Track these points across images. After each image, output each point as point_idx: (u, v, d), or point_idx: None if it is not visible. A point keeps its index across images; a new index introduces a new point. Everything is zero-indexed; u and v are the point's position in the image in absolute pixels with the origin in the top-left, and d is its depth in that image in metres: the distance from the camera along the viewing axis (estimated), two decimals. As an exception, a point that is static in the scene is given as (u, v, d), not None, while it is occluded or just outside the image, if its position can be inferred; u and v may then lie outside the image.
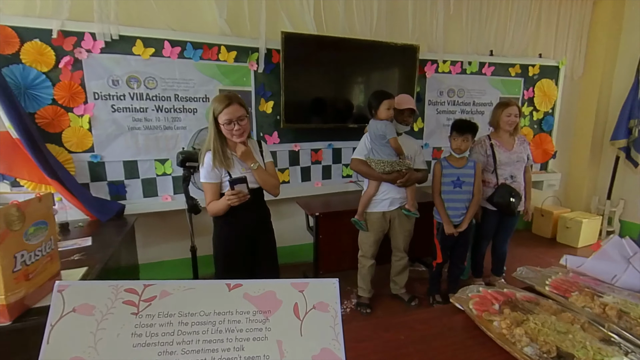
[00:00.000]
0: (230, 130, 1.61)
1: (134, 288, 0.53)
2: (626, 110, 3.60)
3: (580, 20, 3.73)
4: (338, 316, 0.57)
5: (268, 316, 0.55)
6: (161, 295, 0.54)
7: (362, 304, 2.45)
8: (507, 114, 2.41)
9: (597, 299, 0.96)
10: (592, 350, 0.75)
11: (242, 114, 1.61)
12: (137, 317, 0.52)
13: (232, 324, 0.53)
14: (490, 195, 2.43)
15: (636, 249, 1.12)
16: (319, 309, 0.57)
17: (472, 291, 1.03)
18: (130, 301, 0.52)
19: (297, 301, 0.57)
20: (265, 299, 0.56)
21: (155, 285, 0.54)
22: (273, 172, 1.81)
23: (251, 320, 0.54)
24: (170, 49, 2.37)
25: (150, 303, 0.53)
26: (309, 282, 0.59)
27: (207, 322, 0.53)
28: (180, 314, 0.53)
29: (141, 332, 0.51)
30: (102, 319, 0.51)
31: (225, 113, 1.58)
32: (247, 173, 1.70)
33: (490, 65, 3.35)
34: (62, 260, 1.44)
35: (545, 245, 3.73)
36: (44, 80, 2.11)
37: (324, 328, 0.56)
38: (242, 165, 1.71)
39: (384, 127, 2.15)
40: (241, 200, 1.62)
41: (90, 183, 2.32)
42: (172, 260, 2.78)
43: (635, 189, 3.74)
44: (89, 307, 0.51)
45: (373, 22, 2.94)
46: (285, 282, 0.58)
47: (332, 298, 0.58)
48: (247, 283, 0.57)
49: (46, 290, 1.16)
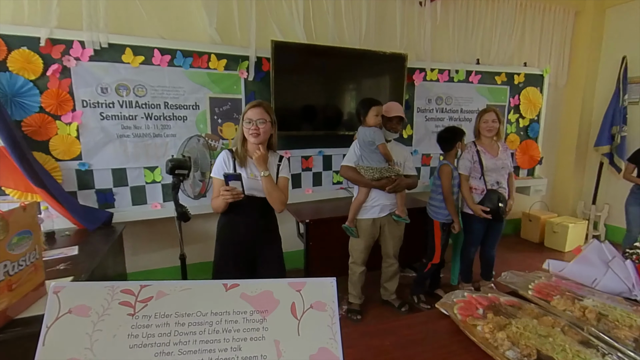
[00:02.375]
0: (249, 129, 1.69)
1: (130, 289, 0.53)
2: (608, 117, 3.71)
3: (563, 30, 3.85)
4: (335, 315, 0.57)
5: (265, 316, 0.55)
6: (157, 295, 0.54)
7: (353, 310, 2.45)
8: (484, 120, 2.48)
9: (577, 302, 0.99)
10: (571, 352, 0.77)
11: (262, 118, 1.68)
12: (134, 318, 0.52)
13: (229, 324, 0.53)
14: (479, 201, 2.47)
15: (615, 253, 1.15)
16: (316, 308, 0.57)
17: (457, 296, 1.05)
18: (126, 302, 0.52)
19: (294, 301, 0.57)
20: (263, 298, 0.56)
21: (151, 286, 0.54)
22: (283, 187, 1.79)
23: (248, 320, 0.54)
24: (160, 57, 2.37)
25: (147, 304, 0.53)
26: (306, 282, 0.59)
27: (204, 323, 0.53)
28: (177, 315, 0.53)
29: (138, 333, 0.51)
30: (99, 320, 0.51)
31: (249, 113, 1.70)
32: (257, 180, 1.72)
33: (477, 73, 3.43)
34: (48, 270, 1.42)
35: (533, 249, 3.78)
36: (32, 88, 2.09)
37: (322, 327, 0.56)
38: (255, 171, 1.74)
39: (372, 134, 2.18)
40: (235, 197, 1.63)
41: (77, 191, 2.29)
42: (161, 269, 2.75)
43: (619, 194, 3.83)
44: (85, 309, 0.51)
45: (362, 31, 2.99)
46: (283, 282, 0.58)
47: (329, 297, 0.58)
48: (244, 283, 0.57)
49: (30, 300, 1.14)
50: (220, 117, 2.62)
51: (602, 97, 3.92)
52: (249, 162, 1.75)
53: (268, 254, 1.84)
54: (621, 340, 0.83)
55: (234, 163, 1.73)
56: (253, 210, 1.74)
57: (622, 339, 0.83)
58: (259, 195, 1.73)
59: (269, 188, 1.70)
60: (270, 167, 1.75)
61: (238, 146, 1.74)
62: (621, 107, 3.64)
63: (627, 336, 0.84)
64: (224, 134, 2.65)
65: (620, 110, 3.64)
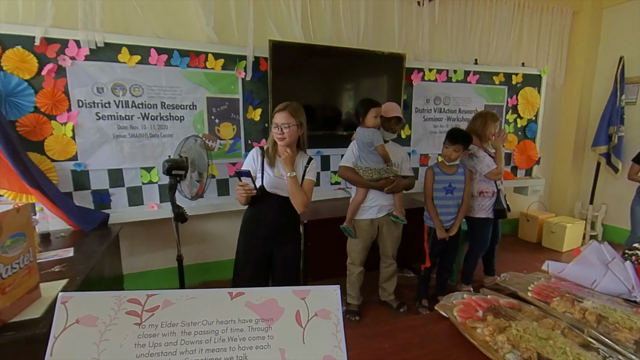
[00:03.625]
0: (275, 133, 1.74)
1: (136, 298, 0.54)
2: (606, 117, 3.72)
3: (560, 30, 3.86)
4: (340, 323, 0.57)
5: (270, 324, 0.55)
6: (164, 305, 0.54)
7: (351, 311, 2.44)
8: (495, 127, 2.53)
9: (577, 304, 0.98)
10: (571, 355, 0.77)
11: (287, 122, 1.72)
12: (140, 328, 0.52)
13: (235, 333, 0.54)
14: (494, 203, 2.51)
15: (614, 254, 1.15)
16: (320, 316, 0.57)
17: (456, 298, 1.04)
18: (133, 311, 0.53)
19: (299, 309, 0.57)
20: (267, 307, 0.56)
21: (158, 295, 0.54)
22: (307, 190, 1.82)
23: (253, 329, 0.54)
24: (157, 56, 2.35)
25: (153, 313, 0.53)
26: (311, 290, 0.59)
27: (210, 332, 0.53)
28: (183, 324, 0.53)
29: (144, 343, 0.51)
30: (106, 329, 0.51)
31: (275, 117, 1.75)
32: (283, 179, 1.77)
33: (475, 73, 3.42)
34: (42, 272, 1.40)
35: (531, 249, 3.79)
36: (26, 87, 2.07)
37: (326, 335, 0.56)
38: (282, 170, 1.78)
39: (371, 135, 2.17)
40: (248, 193, 1.72)
41: (73, 192, 2.27)
42: (158, 270, 2.73)
43: (616, 194, 3.84)
44: (92, 318, 0.51)
45: (360, 31, 2.98)
46: (287, 290, 0.58)
47: (333, 305, 0.58)
48: (249, 291, 0.57)
49: (24, 304, 1.12)
50: (218, 117, 2.60)
51: (600, 97, 3.93)
52: (277, 162, 1.81)
53: (284, 252, 1.89)
54: (622, 343, 0.82)
55: (263, 160, 1.80)
56: (275, 208, 1.80)
57: (623, 342, 0.83)
58: (283, 194, 1.79)
59: (292, 189, 1.75)
60: (298, 169, 1.80)
61: (270, 146, 1.81)
62: (618, 107, 3.65)
63: (628, 338, 0.83)
64: (221, 134, 2.63)
65: (618, 110, 3.65)
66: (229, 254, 2.95)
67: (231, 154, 2.68)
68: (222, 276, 2.96)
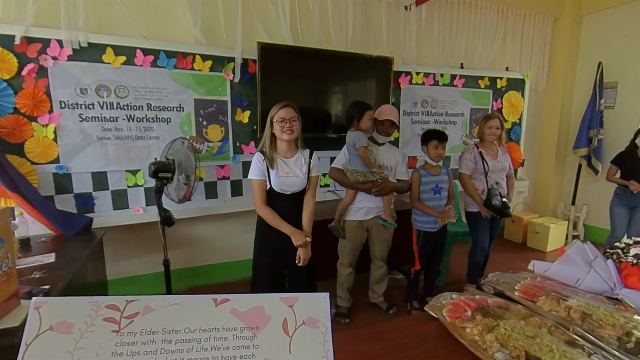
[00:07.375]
0: (282, 127, 1.77)
1: (115, 304, 0.51)
2: (586, 120, 3.84)
3: (542, 36, 3.97)
4: (328, 332, 0.56)
5: (256, 333, 0.53)
6: (144, 311, 0.52)
7: (341, 313, 2.43)
8: (488, 126, 2.59)
9: (562, 302, 1.00)
10: (558, 353, 0.78)
11: (294, 116, 1.80)
12: (118, 335, 0.49)
13: (219, 342, 0.52)
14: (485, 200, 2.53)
15: (597, 253, 1.18)
16: (308, 324, 0.55)
17: (445, 299, 1.05)
18: (111, 318, 0.50)
19: (286, 317, 0.55)
20: (254, 314, 0.54)
21: (138, 301, 0.52)
22: (314, 187, 1.92)
23: (238, 337, 0.52)
24: (143, 57, 2.31)
25: (133, 320, 0.51)
26: (299, 297, 0.57)
27: (192, 340, 0.51)
28: (164, 331, 0.51)
29: (122, 351, 0.49)
30: (81, 337, 0.49)
31: (281, 112, 1.79)
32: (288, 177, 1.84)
33: (461, 77, 3.49)
34: (22, 279, 1.36)
35: (517, 250, 3.87)
36: (5, 88, 2.00)
37: (314, 345, 0.54)
38: (284, 167, 1.84)
39: (355, 137, 2.19)
40: None
41: (55, 195, 2.20)
42: (143, 275, 2.67)
43: (596, 195, 3.96)
44: (67, 325, 0.49)
45: (348, 34, 3.00)
46: (274, 297, 0.57)
47: (322, 313, 0.57)
48: (234, 298, 0.55)
49: (1, 312, 1.08)
50: (206, 119, 2.57)
51: (580, 101, 4.06)
52: (278, 161, 1.83)
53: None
54: (605, 339, 0.84)
55: (266, 164, 1.82)
56: (287, 206, 1.86)
57: (606, 338, 0.85)
58: (289, 192, 1.84)
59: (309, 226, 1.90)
60: (301, 166, 1.87)
61: (267, 147, 1.84)
62: (598, 111, 3.77)
63: (611, 335, 0.86)
64: (209, 137, 2.60)
65: (597, 114, 3.77)
66: (218, 258, 2.93)
67: (219, 156, 2.65)
68: (210, 281, 2.92)
